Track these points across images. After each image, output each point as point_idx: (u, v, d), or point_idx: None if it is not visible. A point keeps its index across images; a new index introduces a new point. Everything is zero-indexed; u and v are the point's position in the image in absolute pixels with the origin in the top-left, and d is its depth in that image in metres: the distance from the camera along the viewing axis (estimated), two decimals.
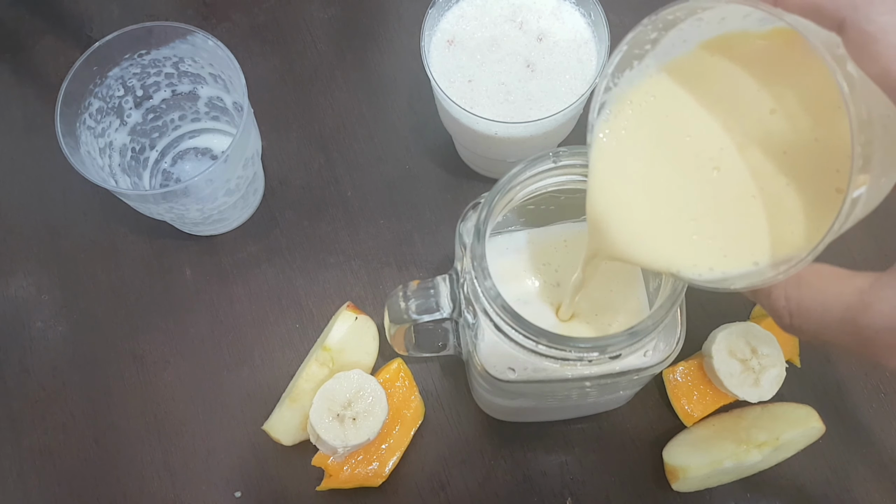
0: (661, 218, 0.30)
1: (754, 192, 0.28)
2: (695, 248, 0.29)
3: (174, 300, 0.54)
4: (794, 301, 0.27)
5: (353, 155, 0.58)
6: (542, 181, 0.36)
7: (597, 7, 0.46)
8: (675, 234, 0.29)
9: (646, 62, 0.29)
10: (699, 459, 0.46)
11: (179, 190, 0.45)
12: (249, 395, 0.52)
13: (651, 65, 0.29)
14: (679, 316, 0.36)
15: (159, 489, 0.50)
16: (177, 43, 0.49)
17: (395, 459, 0.48)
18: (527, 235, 0.41)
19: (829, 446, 0.49)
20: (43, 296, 0.55)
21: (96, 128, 0.49)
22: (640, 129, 0.30)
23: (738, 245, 0.28)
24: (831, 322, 0.26)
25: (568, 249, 0.41)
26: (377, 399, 0.47)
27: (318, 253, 0.55)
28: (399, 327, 0.41)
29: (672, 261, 0.29)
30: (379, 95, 0.59)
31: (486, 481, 0.49)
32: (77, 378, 0.52)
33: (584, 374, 0.35)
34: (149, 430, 0.51)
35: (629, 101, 0.30)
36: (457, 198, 0.56)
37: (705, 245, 0.29)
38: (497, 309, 0.33)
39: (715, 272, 0.28)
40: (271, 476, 0.50)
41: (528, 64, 0.48)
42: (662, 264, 0.30)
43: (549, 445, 0.50)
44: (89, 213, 0.57)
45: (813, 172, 0.27)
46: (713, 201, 0.29)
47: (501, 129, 0.46)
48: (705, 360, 0.49)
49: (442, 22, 0.48)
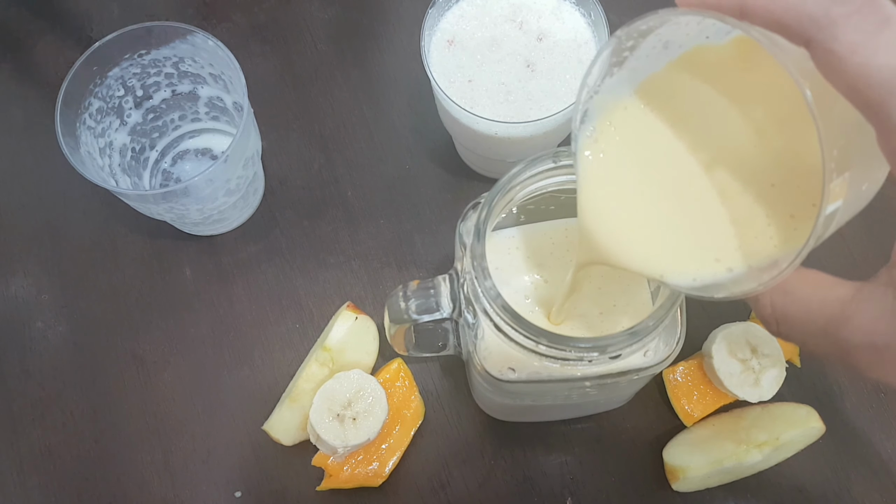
0: (645, 227, 0.31)
1: (730, 204, 0.28)
2: (677, 256, 0.30)
3: (174, 300, 0.54)
4: (779, 309, 0.27)
5: (353, 155, 0.58)
6: (542, 181, 0.36)
7: (597, 7, 0.46)
8: (658, 243, 0.30)
9: (622, 80, 0.30)
10: (699, 459, 0.46)
11: (179, 190, 0.45)
12: (249, 395, 0.52)
13: (626, 82, 0.30)
14: (679, 316, 0.36)
15: (159, 489, 0.50)
16: (177, 43, 0.49)
17: (395, 459, 0.48)
18: (526, 231, 0.41)
19: (829, 446, 0.49)
20: (43, 296, 0.55)
21: (96, 128, 0.49)
22: (622, 149, 0.31)
23: (714, 253, 0.29)
24: (814, 332, 0.26)
25: (567, 243, 0.41)
26: (377, 399, 0.47)
27: (318, 253, 0.55)
28: (399, 327, 0.41)
29: (655, 267, 0.30)
30: (379, 95, 0.59)
31: (486, 481, 0.49)
32: (77, 378, 0.52)
33: (584, 374, 0.35)
34: (149, 430, 0.51)
35: (609, 123, 0.31)
36: (457, 198, 0.56)
37: (688, 253, 0.29)
38: (497, 309, 0.33)
39: (697, 281, 0.29)
40: (271, 476, 0.50)
41: (528, 64, 0.48)
42: (648, 270, 0.30)
43: (549, 445, 0.50)
44: (89, 213, 0.57)
45: (787, 184, 0.27)
46: (694, 213, 0.29)
47: (501, 129, 0.46)
48: (705, 360, 0.49)
49: (442, 22, 0.48)
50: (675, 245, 0.30)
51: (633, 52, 0.29)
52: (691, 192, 0.29)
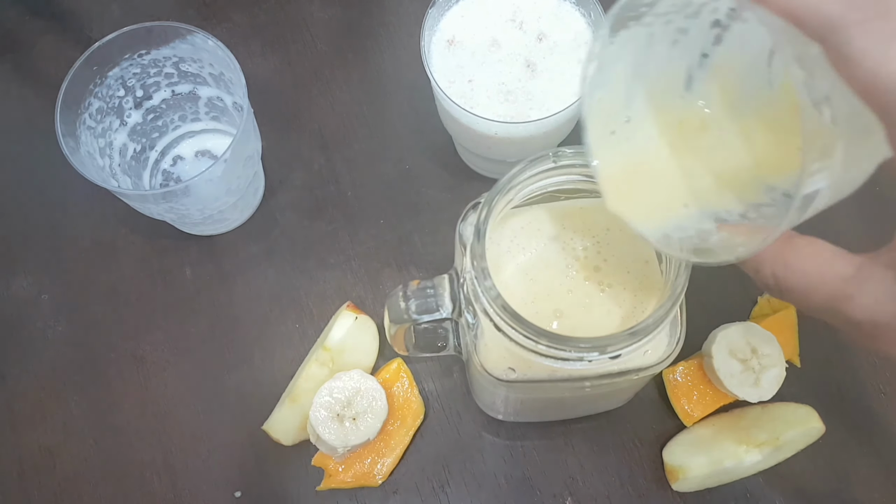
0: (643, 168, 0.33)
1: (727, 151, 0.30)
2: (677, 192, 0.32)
3: (174, 300, 0.54)
4: (781, 281, 0.28)
5: (353, 155, 0.58)
6: (542, 181, 0.36)
7: (597, 7, 0.46)
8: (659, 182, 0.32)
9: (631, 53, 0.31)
10: (699, 459, 0.47)
11: (179, 190, 0.45)
12: (249, 395, 0.52)
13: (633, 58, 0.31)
14: (679, 316, 0.36)
15: (159, 489, 0.50)
16: (177, 43, 0.49)
17: (395, 459, 0.49)
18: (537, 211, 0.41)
19: (829, 446, 0.49)
20: (43, 296, 0.55)
21: (96, 128, 0.49)
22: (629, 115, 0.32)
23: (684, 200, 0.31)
24: (817, 305, 0.27)
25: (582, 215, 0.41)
26: (377, 399, 0.47)
27: (318, 253, 0.55)
28: (399, 327, 0.41)
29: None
30: (379, 95, 0.59)
31: (485, 481, 0.49)
32: (77, 378, 0.52)
33: (584, 373, 0.35)
34: (149, 430, 0.51)
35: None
36: (457, 198, 0.56)
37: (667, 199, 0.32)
38: (497, 309, 0.33)
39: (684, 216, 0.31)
40: (271, 476, 0.50)
41: (528, 64, 0.48)
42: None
43: (549, 445, 0.50)
44: (89, 213, 0.57)
45: (783, 136, 0.29)
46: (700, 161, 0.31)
47: (501, 130, 0.46)
48: (705, 360, 0.49)
49: (442, 22, 0.48)
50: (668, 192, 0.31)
51: (652, 6, 0.29)
52: (702, 145, 0.31)
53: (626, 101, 0.32)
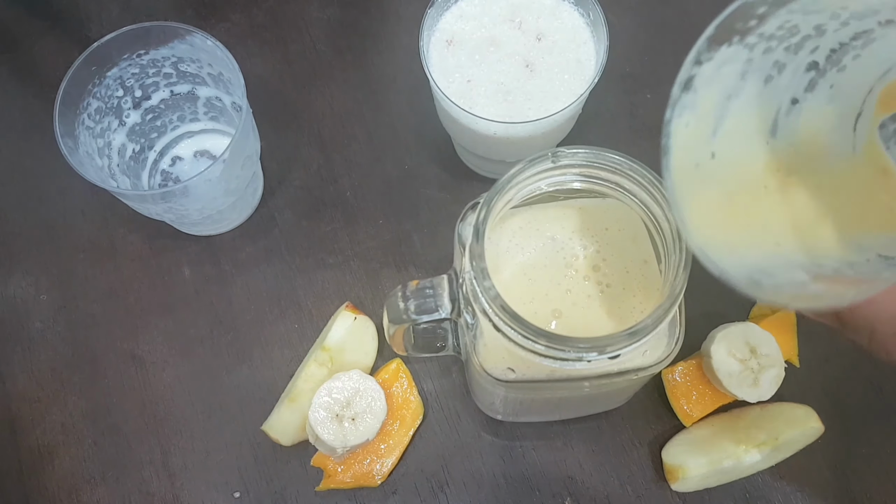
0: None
1: None
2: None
3: (173, 300, 0.54)
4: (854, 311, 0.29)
5: (353, 155, 0.58)
6: (541, 181, 0.36)
7: (595, 7, 0.46)
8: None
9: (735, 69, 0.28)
10: (698, 459, 0.47)
11: (178, 190, 0.45)
12: (248, 395, 0.52)
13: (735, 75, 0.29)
14: (678, 316, 0.36)
15: (159, 489, 0.50)
16: (175, 43, 0.49)
17: (394, 459, 0.49)
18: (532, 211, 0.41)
19: (828, 446, 0.49)
20: (42, 296, 0.55)
21: (95, 128, 0.49)
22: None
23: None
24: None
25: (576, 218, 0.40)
26: (376, 399, 0.47)
27: (317, 253, 0.55)
28: (398, 328, 0.41)
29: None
30: (378, 95, 0.59)
31: (485, 481, 0.49)
32: (77, 378, 0.52)
33: (583, 374, 0.35)
34: (148, 430, 0.51)
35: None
36: (456, 198, 0.56)
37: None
38: (496, 309, 0.33)
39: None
40: (271, 476, 0.50)
41: (527, 64, 0.48)
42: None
43: (549, 445, 0.50)
44: (88, 213, 0.57)
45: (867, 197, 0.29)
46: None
47: (500, 129, 0.46)
48: (704, 360, 0.49)
49: (441, 22, 0.48)
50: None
51: (761, 22, 0.26)
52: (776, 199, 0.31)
53: (712, 132, 0.30)
